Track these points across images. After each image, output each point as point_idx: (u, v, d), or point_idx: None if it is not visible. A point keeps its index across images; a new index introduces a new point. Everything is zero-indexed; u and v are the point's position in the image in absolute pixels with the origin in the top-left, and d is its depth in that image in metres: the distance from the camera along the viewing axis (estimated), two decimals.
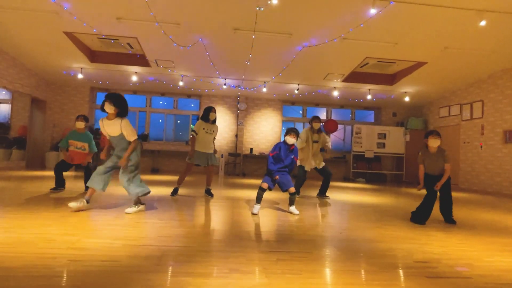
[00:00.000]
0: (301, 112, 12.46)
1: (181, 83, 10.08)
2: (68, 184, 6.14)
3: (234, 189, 6.78)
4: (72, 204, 3.66)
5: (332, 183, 9.53)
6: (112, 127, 3.80)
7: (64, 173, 5.34)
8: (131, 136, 3.85)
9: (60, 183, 5.30)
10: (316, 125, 5.84)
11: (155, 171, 10.86)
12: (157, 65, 8.97)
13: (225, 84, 10.10)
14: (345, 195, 6.61)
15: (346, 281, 2.02)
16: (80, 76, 9.64)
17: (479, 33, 6.49)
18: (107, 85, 10.90)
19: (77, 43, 8.14)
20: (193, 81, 10.15)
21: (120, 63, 9.20)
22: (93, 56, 9.08)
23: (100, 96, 11.78)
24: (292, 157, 4.42)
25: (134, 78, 9.81)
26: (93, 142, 5.32)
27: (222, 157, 11.03)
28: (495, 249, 2.96)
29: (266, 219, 3.89)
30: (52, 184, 5.57)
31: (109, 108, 3.74)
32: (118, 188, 5.78)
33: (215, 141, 5.54)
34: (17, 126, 11.14)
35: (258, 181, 8.89)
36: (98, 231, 2.90)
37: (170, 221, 3.47)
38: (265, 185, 4.21)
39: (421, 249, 2.83)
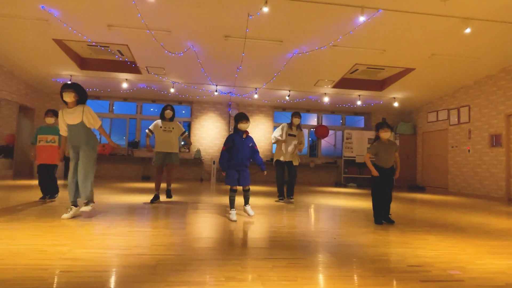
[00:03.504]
0: None
1: (172, 90, 10.07)
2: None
3: (226, 196, 6.73)
4: (64, 216, 3.72)
5: (324, 188, 9.59)
6: (73, 115, 3.81)
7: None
8: (95, 122, 3.85)
9: (46, 191, 5.09)
10: (296, 121, 5.93)
11: (146, 178, 10.75)
12: (148, 72, 8.94)
13: (216, 91, 10.11)
14: (337, 200, 6.64)
15: (341, 287, 2.03)
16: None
17: (464, 40, 6.67)
18: (97, 92, 10.81)
19: (67, 51, 8.07)
20: (185, 87, 10.13)
21: (111, 70, 9.15)
22: (83, 63, 9.01)
23: (90, 104, 11.61)
24: (250, 145, 4.12)
25: (125, 85, 9.75)
26: None
27: (214, 163, 10.99)
28: (485, 251, 3.01)
29: (260, 225, 3.89)
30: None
31: (69, 96, 3.78)
32: (109, 197, 5.71)
33: (186, 138, 5.50)
34: (4, 134, 10.96)
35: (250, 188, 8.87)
36: (89, 241, 2.85)
37: (163, 229, 3.44)
38: (234, 187, 4.15)
39: (414, 253, 2.86)
